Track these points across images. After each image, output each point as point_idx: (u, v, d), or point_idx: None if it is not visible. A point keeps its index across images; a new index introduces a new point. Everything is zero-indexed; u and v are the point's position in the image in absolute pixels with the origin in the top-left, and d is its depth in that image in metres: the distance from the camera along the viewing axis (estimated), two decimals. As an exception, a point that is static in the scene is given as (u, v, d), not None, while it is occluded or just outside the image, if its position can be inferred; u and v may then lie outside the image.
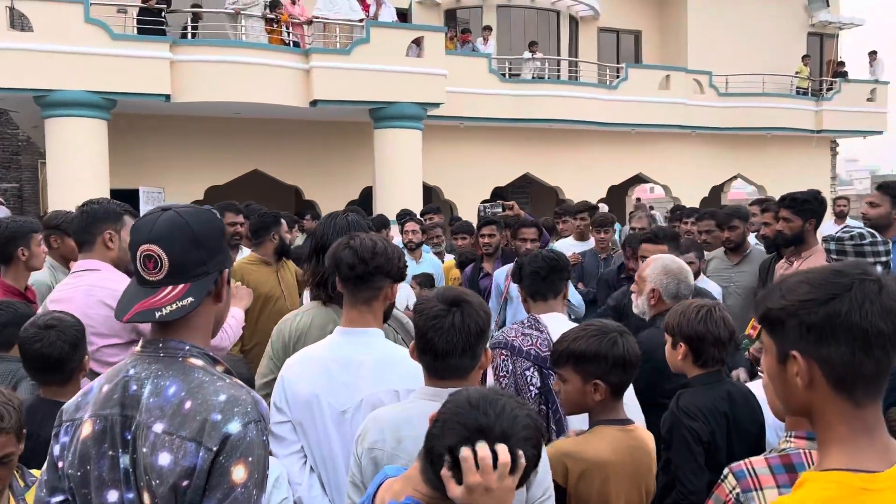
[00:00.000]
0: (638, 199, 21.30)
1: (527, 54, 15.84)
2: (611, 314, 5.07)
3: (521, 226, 5.38)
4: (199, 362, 1.55)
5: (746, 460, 1.75)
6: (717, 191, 19.41)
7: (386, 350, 2.39)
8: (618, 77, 16.69)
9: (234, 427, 1.43)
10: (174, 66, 11.38)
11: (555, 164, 16.31)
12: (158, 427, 1.46)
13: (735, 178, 19.45)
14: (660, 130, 17.04)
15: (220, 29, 12.51)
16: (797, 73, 18.83)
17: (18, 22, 10.84)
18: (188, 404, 1.46)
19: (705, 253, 5.32)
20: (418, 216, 7.48)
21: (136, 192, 12.54)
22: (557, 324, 2.93)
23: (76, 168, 10.92)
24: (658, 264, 3.35)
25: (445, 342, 1.93)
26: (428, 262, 6.45)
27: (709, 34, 18.41)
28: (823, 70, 19.89)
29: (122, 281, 2.99)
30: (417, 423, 1.97)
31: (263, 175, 14.25)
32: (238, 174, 13.92)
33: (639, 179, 18.76)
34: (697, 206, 16.91)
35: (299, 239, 10.61)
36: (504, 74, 15.74)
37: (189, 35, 12.13)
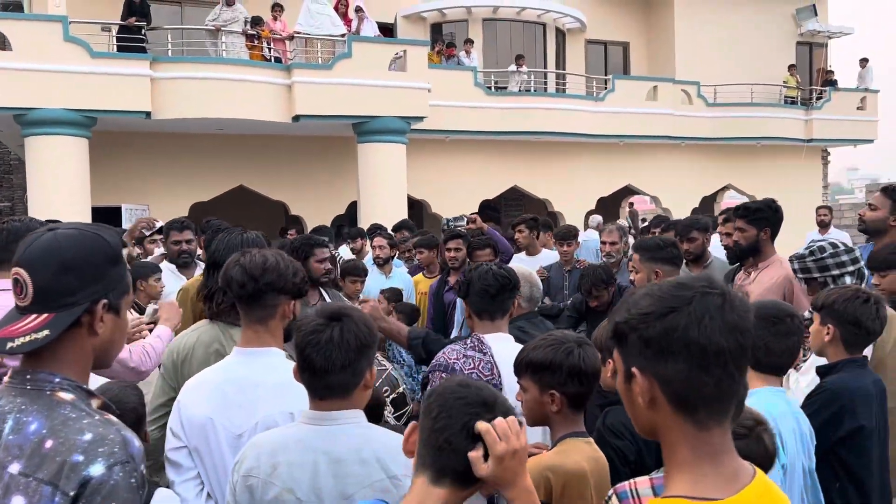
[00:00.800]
0: (631, 204, 21.21)
1: (512, 67, 15.82)
2: (574, 316, 5.07)
3: (475, 248, 5.30)
4: (68, 397, 1.44)
5: (631, 481, 1.67)
6: (708, 201, 19.33)
7: (284, 370, 2.30)
8: (605, 88, 16.66)
9: (97, 469, 1.33)
10: (154, 84, 11.37)
11: (543, 176, 16.25)
12: (15, 467, 1.36)
13: (726, 188, 19.37)
14: (648, 141, 16.99)
15: (201, 46, 12.51)
16: (784, 82, 18.79)
17: (-3, 41, 10.86)
18: (49, 443, 1.36)
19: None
20: (388, 231, 7.44)
21: (119, 209, 12.51)
22: (502, 344, 2.82)
23: (57, 186, 10.90)
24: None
25: (323, 358, 1.85)
26: (398, 276, 6.39)
27: (697, 44, 18.40)
28: (813, 79, 19.86)
29: None
30: (294, 449, 1.90)
31: (250, 191, 14.22)
32: (223, 190, 13.88)
33: (628, 191, 18.69)
34: (688, 216, 16.85)
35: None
36: (490, 87, 15.72)
37: (169, 52, 12.11)
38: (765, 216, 4.12)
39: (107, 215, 12.18)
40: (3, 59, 10.59)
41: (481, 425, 1.46)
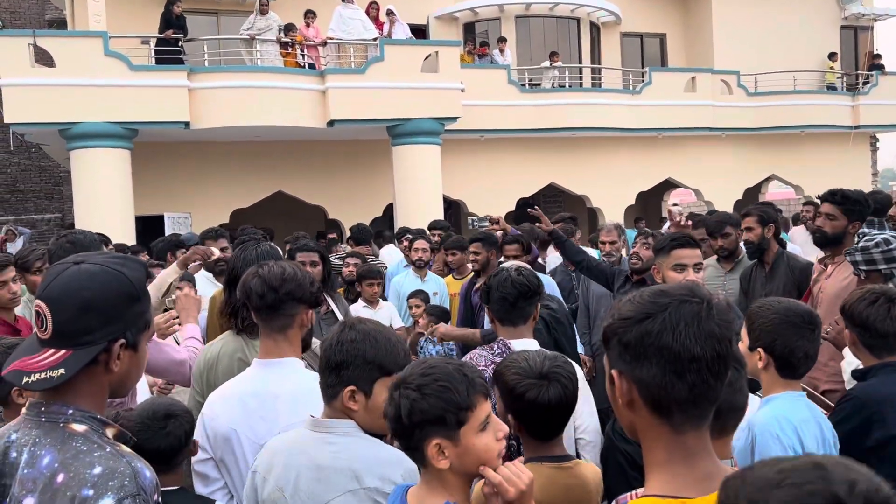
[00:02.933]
0: (675, 205, 20.87)
1: (546, 63, 15.71)
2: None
3: (504, 242, 5.30)
4: (80, 428, 1.46)
5: (633, 492, 1.65)
6: (752, 192, 18.93)
7: (302, 380, 2.35)
8: (642, 81, 16.44)
9: (106, 503, 1.35)
10: (192, 94, 11.59)
11: (581, 172, 16.11)
12: (29, 501, 1.39)
13: (770, 178, 18.94)
14: (688, 134, 16.70)
15: (236, 55, 12.71)
16: (829, 68, 18.28)
17: (41, 58, 11.18)
18: (60, 477, 1.39)
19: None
20: (427, 232, 7.45)
21: (162, 217, 12.80)
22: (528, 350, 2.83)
23: (102, 197, 11.18)
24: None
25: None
26: (432, 279, 6.38)
27: (735, 33, 18.01)
28: (859, 63, 19.28)
29: None
30: (288, 451, 1.97)
31: (288, 196, 14.41)
32: (262, 196, 14.09)
33: (669, 184, 18.41)
34: (731, 209, 16.56)
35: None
36: (524, 85, 15.64)
37: (206, 62, 12.33)
38: (860, 209, 3.89)
39: (150, 224, 12.50)
40: (48, 76, 10.92)
41: (491, 475, 1.59)
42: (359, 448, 1.89)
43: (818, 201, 4.59)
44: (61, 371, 1.45)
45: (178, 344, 3.23)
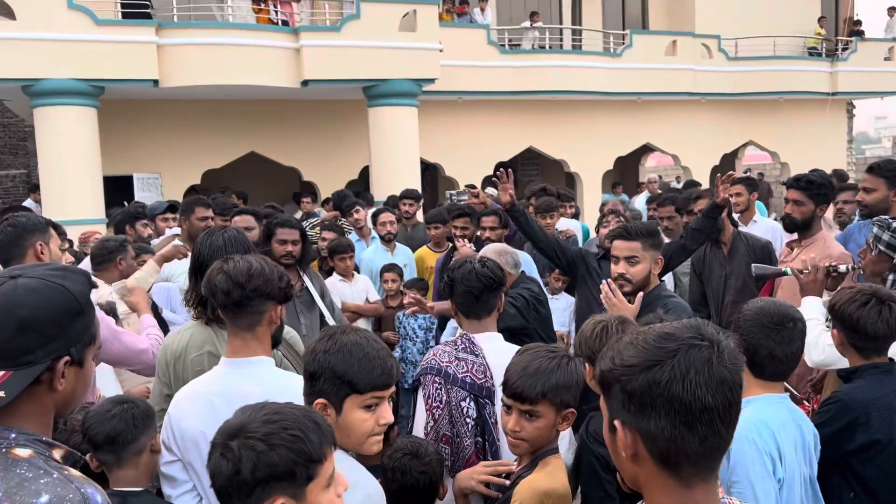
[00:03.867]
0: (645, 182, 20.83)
1: (527, 24, 15.42)
2: None
3: (481, 214, 5.19)
4: (24, 453, 1.36)
5: None
6: (729, 158, 18.95)
7: (273, 380, 2.24)
8: (623, 44, 16.23)
9: None
10: (161, 50, 11.18)
11: (559, 136, 15.96)
12: None
13: (748, 144, 18.95)
14: (667, 98, 16.59)
15: (207, 10, 12.27)
16: (817, 33, 18.17)
17: (1, 9, 10.68)
18: None
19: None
20: (392, 205, 7.29)
21: (131, 178, 12.48)
22: (493, 344, 2.74)
23: (68, 156, 10.82)
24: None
25: None
26: (401, 252, 6.24)
27: (717, -4, 17.81)
28: (839, 29, 19.20)
29: None
30: None
31: (262, 157, 14.10)
32: (235, 156, 13.78)
33: (647, 149, 18.35)
34: (707, 174, 16.58)
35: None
36: (504, 46, 15.35)
37: (175, 17, 11.89)
38: (826, 192, 3.94)
39: (119, 184, 12.17)
40: (9, 29, 10.44)
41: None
42: None
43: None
44: (1, 394, 1.34)
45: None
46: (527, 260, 5.36)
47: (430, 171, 16.40)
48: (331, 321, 4.35)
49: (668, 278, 5.21)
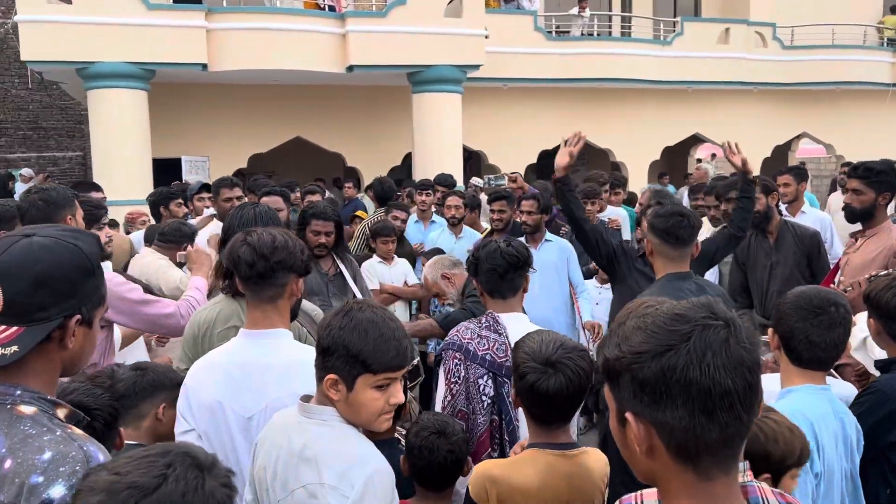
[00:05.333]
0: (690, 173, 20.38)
1: (575, 10, 15.20)
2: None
3: (520, 198, 5.14)
4: (29, 410, 1.39)
5: (638, 493, 1.55)
6: (782, 150, 18.43)
7: (292, 352, 2.25)
8: (673, 32, 15.88)
9: (57, 491, 1.28)
10: (210, 35, 11.36)
11: (606, 125, 15.72)
12: None
13: (801, 136, 18.40)
14: (718, 87, 16.18)
15: (256, -5, 12.40)
16: (880, 23, 17.52)
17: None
18: (8, 463, 1.32)
19: (713, 228, 5.04)
20: (440, 187, 7.26)
21: (179, 160, 12.71)
22: (517, 325, 2.72)
23: (119, 138, 11.09)
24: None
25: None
26: (468, 236, 6.21)
27: (774, -18, 17.29)
28: (903, 17, 18.45)
29: None
30: (274, 432, 1.92)
31: (307, 142, 14.23)
32: (281, 141, 13.94)
33: (696, 140, 17.96)
34: (759, 167, 16.15)
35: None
36: (551, 32, 15.17)
37: (224, 2, 12.04)
38: (887, 179, 3.80)
39: (167, 166, 12.42)
40: (65, 13, 10.72)
41: None
42: (329, 441, 1.79)
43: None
44: (14, 348, 1.37)
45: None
46: (565, 247, 5.31)
47: (473, 159, 16.34)
48: None
49: (713, 271, 5.07)
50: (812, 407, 2.08)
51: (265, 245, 2.24)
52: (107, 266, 3.82)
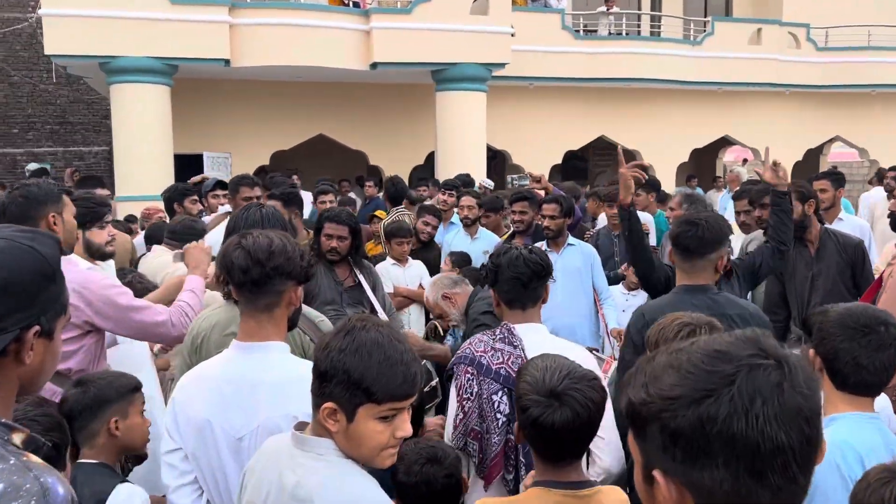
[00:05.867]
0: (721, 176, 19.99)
1: (602, 9, 14.93)
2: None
3: (543, 201, 4.94)
4: None
5: None
6: (814, 154, 18.00)
7: (286, 368, 2.07)
8: (704, 31, 15.54)
9: None
10: (233, 30, 11.27)
11: (633, 125, 15.43)
12: None
13: (834, 140, 17.95)
14: (749, 89, 15.82)
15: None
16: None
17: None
18: None
19: (744, 236, 4.80)
20: (453, 189, 7.06)
21: (201, 156, 12.66)
22: (535, 336, 2.53)
23: (141, 133, 11.05)
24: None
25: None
26: (484, 237, 6.04)
27: (809, -18, 16.86)
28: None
29: (69, 268, 2.78)
30: (266, 463, 1.72)
31: (330, 140, 14.12)
32: (303, 139, 13.84)
33: (725, 142, 17.59)
34: (790, 170, 15.74)
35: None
36: (578, 31, 14.91)
37: (248, -3, 11.96)
38: None
39: (189, 162, 12.36)
40: (88, 7, 10.68)
41: None
42: (325, 478, 1.59)
43: None
44: None
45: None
46: (589, 252, 5.10)
47: (497, 159, 16.14)
48: (382, 316, 4.22)
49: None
50: (861, 438, 1.86)
51: (261, 249, 2.06)
52: (109, 266, 3.68)
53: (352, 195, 10.05)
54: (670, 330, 2.14)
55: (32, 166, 14.44)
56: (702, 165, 19.14)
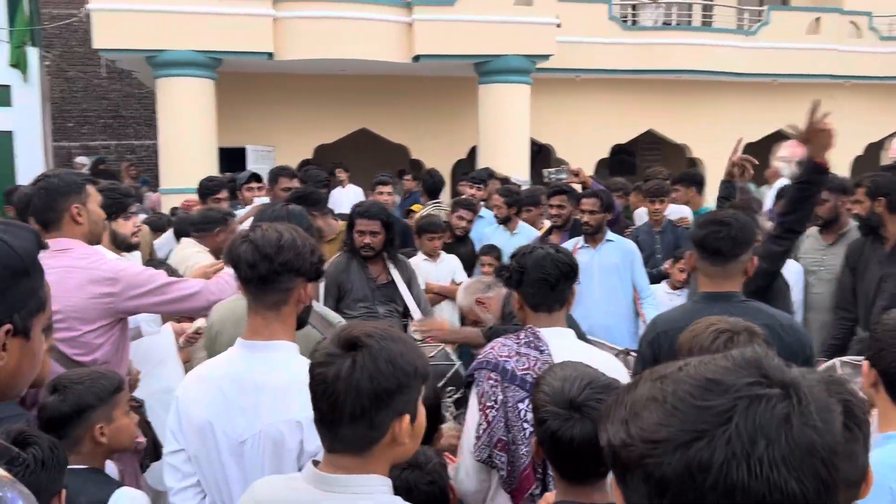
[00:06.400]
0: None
1: (652, -2, 14.54)
2: None
3: (581, 196, 4.75)
4: None
5: None
6: (874, 148, 17.26)
7: (291, 369, 1.94)
8: (759, 21, 15.01)
9: None
10: (276, 23, 11.28)
11: (683, 119, 15.00)
12: None
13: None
14: (806, 81, 15.20)
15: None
16: None
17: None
18: None
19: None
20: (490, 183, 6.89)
21: (244, 150, 12.73)
22: (562, 340, 2.36)
23: (186, 127, 11.14)
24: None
25: (329, 404, 1.40)
26: (524, 231, 5.88)
27: (872, -32, 16.14)
28: None
29: (99, 258, 2.76)
30: None
31: (372, 133, 14.07)
32: (347, 132, 13.81)
33: (780, 136, 16.98)
34: (849, 166, 15.16)
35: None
36: (626, 21, 14.55)
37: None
38: None
39: (233, 155, 12.45)
40: (135, 1, 10.81)
41: None
42: None
43: None
44: None
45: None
46: (628, 249, 4.90)
47: (543, 152, 15.88)
48: (416, 313, 4.14)
49: (798, 279, 4.47)
50: None
51: (269, 243, 1.94)
52: (135, 256, 3.64)
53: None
54: (706, 337, 1.93)
55: (82, 160, 14.71)
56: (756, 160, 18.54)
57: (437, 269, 5.21)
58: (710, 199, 12.34)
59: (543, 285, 2.36)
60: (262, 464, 1.89)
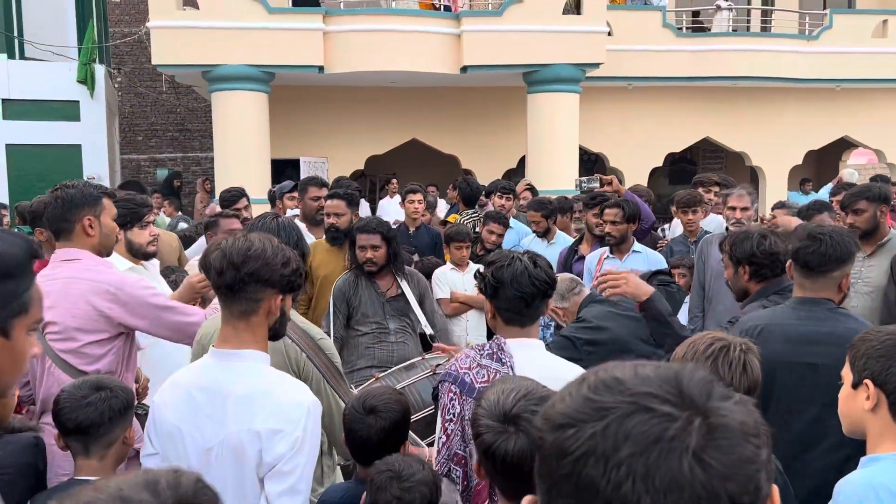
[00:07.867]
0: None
1: (720, 2, 14.18)
2: None
3: (602, 206, 4.68)
4: None
5: None
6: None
7: (256, 379, 1.98)
8: (821, 25, 14.52)
9: None
10: (327, 37, 11.51)
11: (741, 126, 14.61)
12: None
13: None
14: (872, 86, 14.62)
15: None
16: None
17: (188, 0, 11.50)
18: None
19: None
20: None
21: (297, 161, 13.00)
22: (527, 352, 2.29)
23: (240, 139, 11.46)
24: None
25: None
26: (561, 241, 5.85)
27: (944, -33, 15.43)
28: None
29: (103, 270, 2.85)
30: None
31: (423, 144, 14.18)
32: (397, 143, 13.96)
33: (845, 143, 16.36)
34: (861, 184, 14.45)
35: (441, 207, 10.41)
36: (681, 28, 14.28)
37: (341, 4, 12.18)
38: None
39: (285, 167, 12.74)
40: (192, 18, 11.21)
41: None
42: None
43: None
44: None
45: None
46: (656, 261, 4.81)
47: (598, 162, 15.70)
48: (427, 329, 4.11)
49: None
50: None
51: (238, 252, 1.97)
52: (153, 265, 3.75)
53: (432, 198, 9.98)
54: (701, 342, 1.93)
55: (161, 173, 15.21)
56: (820, 169, 17.91)
57: (464, 278, 5.21)
58: (763, 208, 11.95)
59: (520, 303, 2.29)
60: (224, 472, 1.91)
